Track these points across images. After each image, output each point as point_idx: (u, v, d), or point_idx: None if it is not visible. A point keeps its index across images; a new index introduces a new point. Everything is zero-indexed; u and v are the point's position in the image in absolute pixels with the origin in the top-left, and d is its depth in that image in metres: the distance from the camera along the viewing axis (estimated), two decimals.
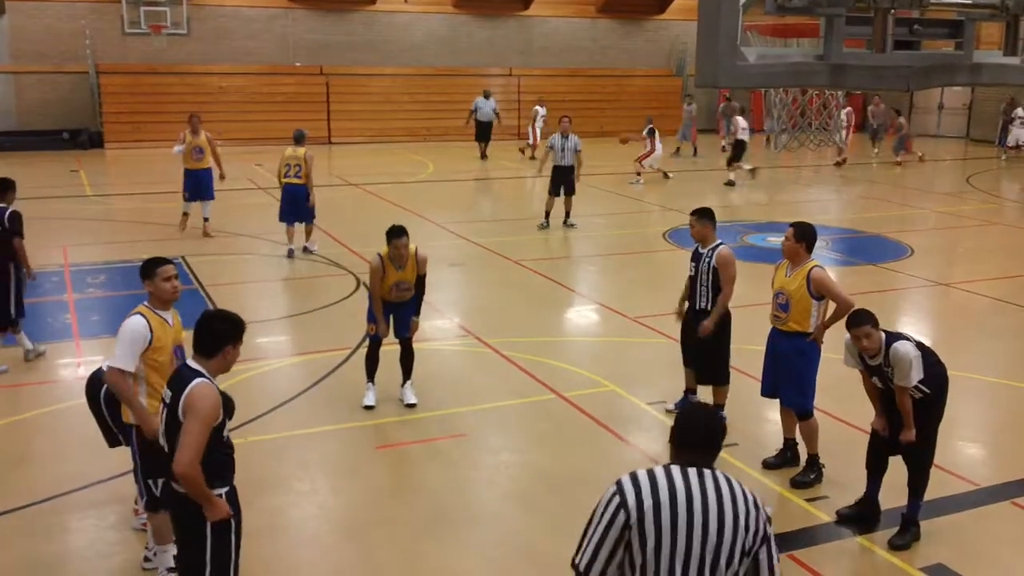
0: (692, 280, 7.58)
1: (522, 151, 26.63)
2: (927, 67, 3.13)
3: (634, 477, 3.23)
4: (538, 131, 26.09)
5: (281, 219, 13.59)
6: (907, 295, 12.32)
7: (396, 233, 7.75)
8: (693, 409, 3.56)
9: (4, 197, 8.86)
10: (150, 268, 5.27)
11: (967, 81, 3.26)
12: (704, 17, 2.72)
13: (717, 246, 7.44)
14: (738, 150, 21.27)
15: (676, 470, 3.23)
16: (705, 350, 7.56)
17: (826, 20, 2.90)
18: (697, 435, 3.30)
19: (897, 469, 6.05)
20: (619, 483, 3.24)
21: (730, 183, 20.99)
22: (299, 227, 13.62)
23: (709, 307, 7.45)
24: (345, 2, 29.21)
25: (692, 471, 3.23)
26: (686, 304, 7.74)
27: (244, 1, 28.26)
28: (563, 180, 15.85)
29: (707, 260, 7.42)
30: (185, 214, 14.67)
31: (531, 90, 30.64)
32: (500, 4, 30.93)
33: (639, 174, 21.27)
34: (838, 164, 24.24)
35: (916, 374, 5.69)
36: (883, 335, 5.80)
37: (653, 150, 21.32)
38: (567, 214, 16.04)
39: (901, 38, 3.00)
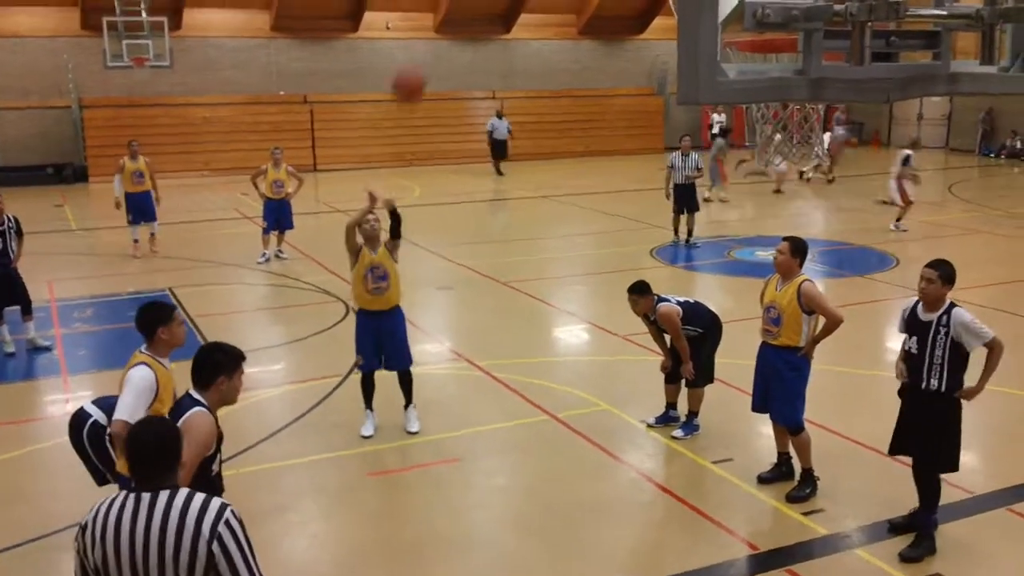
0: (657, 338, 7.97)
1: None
2: (906, 78, 3.15)
3: (98, 504, 3.07)
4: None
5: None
6: (895, 305, 12.33)
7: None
8: (146, 422, 3.33)
9: None
10: (166, 313, 5.04)
11: (945, 91, 3.27)
12: (684, 36, 2.73)
13: (657, 305, 7.62)
14: None
15: (124, 496, 3.07)
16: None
17: (804, 34, 2.91)
18: (147, 449, 3.12)
19: (883, 478, 6.03)
20: (94, 506, 3.10)
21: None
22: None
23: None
24: (328, 30, 29.31)
25: (144, 496, 3.07)
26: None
27: (227, 32, 28.31)
28: (685, 198, 15.91)
29: (656, 323, 7.70)
30: (136, 240, 15.49)
31: (515, 112, 30.80)
32: (482, 28, 31.08)
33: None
34: (829, 181, 24.25)
35: (984, 332, 5.67)
36: (949, 300, 5.74)
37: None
38: (689, 232, 16.07)
39: (879, 50, 3.02)
